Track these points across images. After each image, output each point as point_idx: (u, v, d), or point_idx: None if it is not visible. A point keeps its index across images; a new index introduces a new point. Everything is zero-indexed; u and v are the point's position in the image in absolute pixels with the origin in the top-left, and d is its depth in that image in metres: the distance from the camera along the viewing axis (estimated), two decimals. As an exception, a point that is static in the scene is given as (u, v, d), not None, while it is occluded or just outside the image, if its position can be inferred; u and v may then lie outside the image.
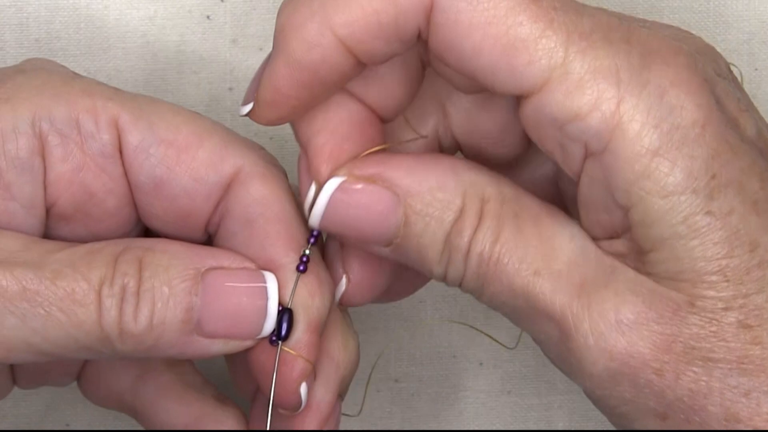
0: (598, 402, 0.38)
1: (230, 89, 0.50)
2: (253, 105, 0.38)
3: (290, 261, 0.39)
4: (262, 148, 0.41)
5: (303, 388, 0.39)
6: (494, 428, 0.52)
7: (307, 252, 0.39)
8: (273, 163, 0.40)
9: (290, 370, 0.38)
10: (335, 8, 0.36)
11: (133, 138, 0.38)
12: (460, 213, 0.37)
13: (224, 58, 0.49)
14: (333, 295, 0.40)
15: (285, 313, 0.38)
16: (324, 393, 0.40)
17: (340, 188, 0.37)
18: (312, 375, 0.39)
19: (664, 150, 0.34)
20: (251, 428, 0.42)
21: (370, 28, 0.35)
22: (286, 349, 0.39)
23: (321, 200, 0.38)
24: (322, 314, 0.39)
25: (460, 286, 0.38)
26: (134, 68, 0.49)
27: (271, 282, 0.38)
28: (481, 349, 0.51)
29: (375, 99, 0.39)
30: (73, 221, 0.39)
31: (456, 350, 0.51)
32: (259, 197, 0.39)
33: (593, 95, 0.34)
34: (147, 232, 0.41)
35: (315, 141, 0.38)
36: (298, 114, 0.38)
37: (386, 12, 0.35)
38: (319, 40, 0.36)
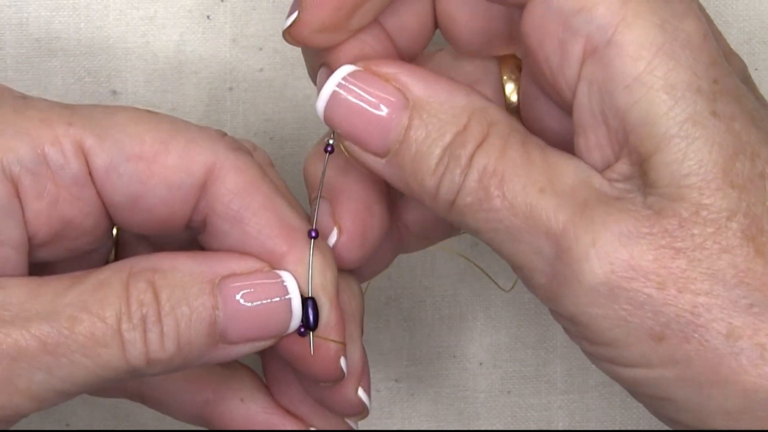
0: (588, 326, 0.36)
1: (230, 89, 0.50)
2: (298, 12, 0.37)
3: (290, 248, 0.38)
4: (229, 138, 0.40)
5: (342, 362, 0.39)
6: (494, 428, 0.52)
7: (315, 227, 0.39)
8: (243, 151, 0.40)
9: (327, 351, 0.39)
10: None
11: (101, 160, 0.38)
12: (464, 128, 0.36)
13: (224, 58, 0.49)
14: (334, 260, 0.39)
15: (308, 303, 0.38)
16: (353, 351, 0.40)
17: (352, 75, 0.37)
18: (344, 349, 0.39)
19: (668, 47, 0.34)
20: (271, 385, 0.42)
21: None
22: (319, 337, 0.38)
23: (329, 84, 0.37)
24: (336, 286, 0.39)
25: (451, 204, 0.37)
26: (134, 68, 0.49)
27: (289, 279, 0.38)
28: (481, 349, 0.51)
29: (398, 34, 0.39)
30: (52, 245, 0.39)
31: (456, 350, 0.51)
32: (238, 190, 0.38)
33: None
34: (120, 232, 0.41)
35: (340, 50, 0.38)
36: (339, 28, 0.38)
37: None
38: None
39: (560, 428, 0.52)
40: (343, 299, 0.40)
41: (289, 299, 0.38)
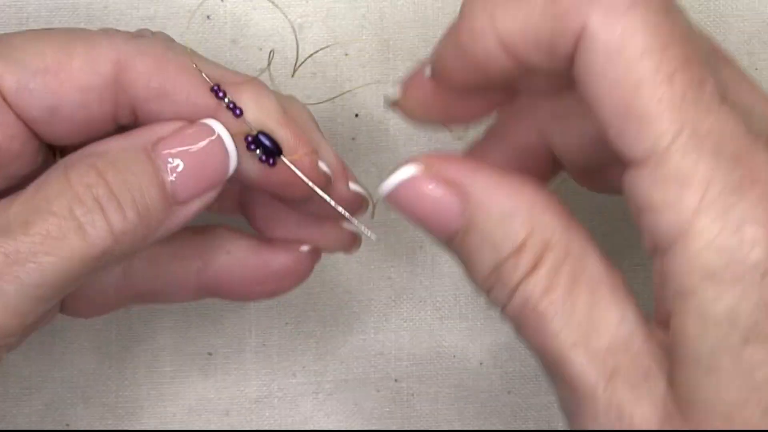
0: None
1: (230, 89, 0.50)
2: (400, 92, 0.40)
3: (215, 100, 0.40)
4: (125, 31, 0.41)
5: (322, 165, 0.41)
6: (494, 428, 0.52)
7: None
8: (143, 37, 0.41)
9: (302, 164, 0.40)
10: (503, 15, 0.36)
11: (9, 83, 0.39)
12: (518, 249, 0.37)
13: (224, 58, 0.49)
14: (268, 89, 0.41)
15: (258, 137, 0.40)
16: (326, 154, 0.42)
17: (412, 178, 0.38)
18: (317, 154, 0.41)
19: (718, 277, 0.33)
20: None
21: (528, 41, 0.36)
22: (285, 160, 0.40)
23: (392, 180, 0.38)
24: (278, 109, 0.40)
25: (502, 307, 0.38)
26: (134, 68, 0.49)
27: (213, 123, 0.39)
28: (481, 349, 0.51)
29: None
30: None
31: (456, 350, 0.51)
32: (151, 69, 0.39)
33: (673, 195, 0.34)
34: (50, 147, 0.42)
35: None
36: (435, 118, 0.40)
37: (544, 30, 0.35)
38: (482, 36, 0.36)
39: (560, 428, 0.52)
40: (292, 116, 0.41)
41: (219, 138, 0.39)
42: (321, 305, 0.51)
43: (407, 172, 0.38)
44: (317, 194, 0.41)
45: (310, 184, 0.41)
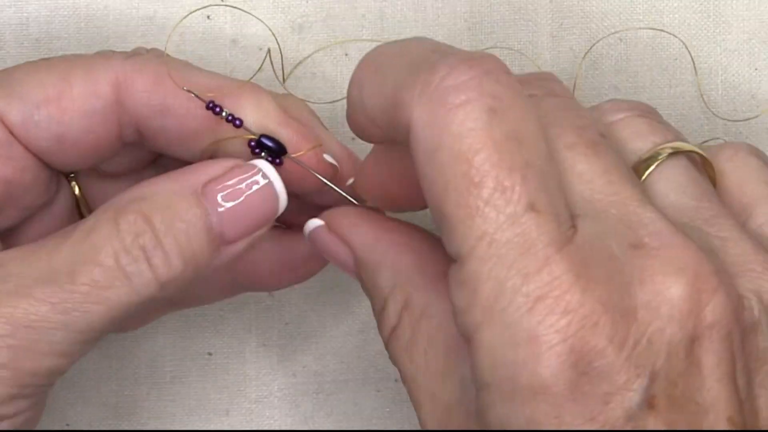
0: None
1: (230, 89, 0.50)
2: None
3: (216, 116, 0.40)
4: (121, 52, 0.42)
5: (328, 158, 0.42)
6: (494, 428, 0.52)
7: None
8: (138, 56, 0.41)
9: (309, 159, 0.41)
10: (368, 91, 0.37)
11: (14, 117, 0.40)
12: (382, 308, 0.38)
13: (224, 58, 0.49)
14: (263, 89, 0.42)
15: (261, 140, 0.40)
16: (332, 145, 0.42)
17: (317, 228, 0.41)
18: (321, 147, 0.42)
19: (494, 388, 0.33)
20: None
21: (383, 119, 0.36)
22: (292, 157, 0.41)
23: (306, 227, 0.41)
24: (276, 108, 0.41)
25: None
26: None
27: (262, 164, 0.40)
28: (481, 349, 0.51)
29: None
30: (3, 211, 0.41)
31: (456, 350, 0.51)
32: (150, 86, 0.40)
33: (465, 302, 0.33)
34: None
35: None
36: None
37: (389, 113, 0.35)
38: (354, 106, 0.38)
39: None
40: (292, 114, 0.42)
41: (270, 182, 0.40)
42: (321, 305, 0.51)
43: (315, 223, 0.40)
44: (327, 185, 0.41)
45: (318, 176, 0.41)
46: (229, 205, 0.39)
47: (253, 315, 0.51)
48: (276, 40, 0.49)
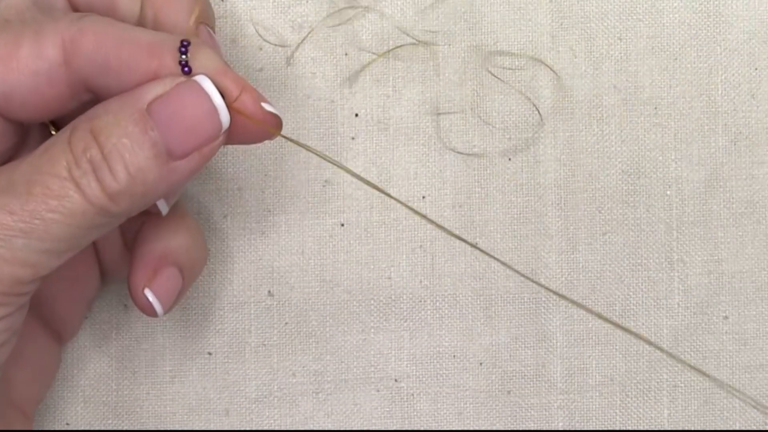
0: None
1: (230, 89, 0.50)
2: None
3: (162, 56, 0.41)
4: (72, 14, 0.43)
5: (268, 107, 0.42)
6: (494, 428, 0.52)
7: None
8: (85, 16, 0.42)
9: (250, 106, 0.42)
10: None
11: None
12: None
13: (224, 58, 0.49)
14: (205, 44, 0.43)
15: (183, 43, 0.41)
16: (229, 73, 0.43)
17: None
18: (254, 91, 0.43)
19: None
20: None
21: None
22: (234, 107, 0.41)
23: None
24: (220, 58, 0.42)
25: None
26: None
27: (202, 80, 0.41)
28: (481, 349, 0.51)
29: None
30: None
31: (456, 350, 0.51)
32: (94, 45, 0.41)
33: None
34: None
35: None
36: None
37: None
38: None
39: (560, 428, 0.52)
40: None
41: (209, 96, 0.41)
42: (321, 305, 0.51)
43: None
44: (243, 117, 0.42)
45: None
46: (173, 120, 0.41)
47: (253, 315, 0.51)
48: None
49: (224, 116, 0.41)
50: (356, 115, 0.50)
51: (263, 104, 0.42)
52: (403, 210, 0.51)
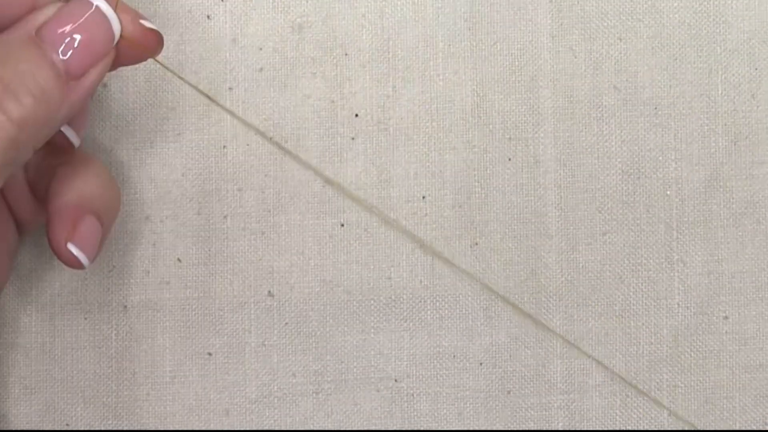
0: None
1: (230, 89, 0.50)
2: None
3: None
4: None
5: (146, 23, 0.43)
6: (494, 428, 0.52)
7: None
8: None
9: (138, 32, 0.43)
10: None
11: None
12: None
13: (224, 58, 0.49)
14: None
15: None
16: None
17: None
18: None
19: None
20: None
21: None
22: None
23: None
24: None
25: None
26: (134, 68, 0.49)
27: None
28: (481, 349, 0.51)
29: None
30: None
31: (456, 350, 0.51)
32: None
33: None
34: None
35: None
36: None
37: None
38: None
39: (560, 428, 0.52)
40: None
41: (98, 8, 0.41)
42: (321, 305, 0.51)
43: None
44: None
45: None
46: (66, 38, 0.41)
47: (253, 315, 0.51)
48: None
49: (115, 27, 0.42)
50: (356, 115, 0.50)
51: (142, 21, 0.43)
52: (403, 210, 0.51)
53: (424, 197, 0.51)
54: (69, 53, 0.41)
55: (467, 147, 0.51)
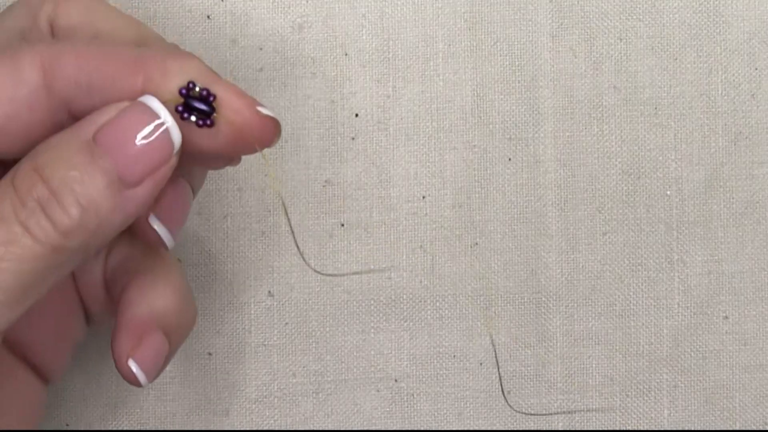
0: None
1: (230, 89, 0.50)
2: None
3: (148, 70, 0.39)
4: (51, 39, 0.41)
5: (264, 110, 0.40)
6: (494, 428, 0.52)
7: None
8: (70, 38, 0.41)
9: (254, 118, 0.39)
10: None
11: None
12: None
13: (224, 58, 0.49)
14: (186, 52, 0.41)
15: (187, 102, 0.39)
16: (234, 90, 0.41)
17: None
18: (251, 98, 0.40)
19: None
20: None
21: None
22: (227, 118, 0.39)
23: None
24: (206, 66, 0.40)
25: None
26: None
27: (149, 99, 0.39)
28: (481, 349, 0.51)
29: None
30: None
31: (456, 350, 0.51)
32: (74, 68, 0.39)
33: None
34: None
35: None
36: None
37: None
38: None
39: (560, 428, 0.52)
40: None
41: (157, 114, 0.39)
42: (321, 305, 0.51)
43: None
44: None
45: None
46: (122, 145, 0.38)
47: (253, 315, 0.51)
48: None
49: (176, 135, 0.39)
50: (356, 115, 0.50)
51: (259, 108, 0.40)
52: (403, 210, 0.51)
53: (424, 197, 0.51)
54: (124, 161, 0.38)
55: (467, 147, 0.51)
